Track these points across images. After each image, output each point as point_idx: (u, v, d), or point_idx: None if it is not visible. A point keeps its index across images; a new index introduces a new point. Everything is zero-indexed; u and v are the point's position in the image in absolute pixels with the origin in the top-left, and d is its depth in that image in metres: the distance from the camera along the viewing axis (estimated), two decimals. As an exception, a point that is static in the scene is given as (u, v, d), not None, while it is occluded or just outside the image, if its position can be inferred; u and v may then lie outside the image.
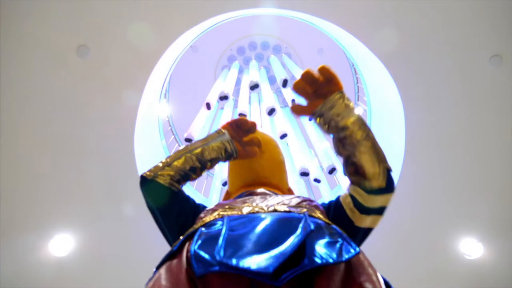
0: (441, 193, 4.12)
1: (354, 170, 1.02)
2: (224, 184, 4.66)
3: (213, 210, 0.98)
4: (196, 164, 1.12)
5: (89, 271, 4.08)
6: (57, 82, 3.66)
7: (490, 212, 4.00)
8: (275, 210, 0.88)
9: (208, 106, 4.67)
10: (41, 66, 3.56)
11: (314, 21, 4.03)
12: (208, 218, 0.91)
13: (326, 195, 4.57)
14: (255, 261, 0.66)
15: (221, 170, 4.90)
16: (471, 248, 4.07)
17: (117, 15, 3.49)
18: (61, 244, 3.94)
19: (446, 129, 3.96)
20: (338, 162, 4.67)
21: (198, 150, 1.13)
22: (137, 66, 3.74)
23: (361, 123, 0.99)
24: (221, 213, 0.92)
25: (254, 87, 4.78)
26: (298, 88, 1.00)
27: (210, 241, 0.76)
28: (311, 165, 4.46)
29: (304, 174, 4.52)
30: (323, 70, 0.98)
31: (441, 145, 4.02)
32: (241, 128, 1.19)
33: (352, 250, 0.71)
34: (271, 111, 4.56)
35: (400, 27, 3.65)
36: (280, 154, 1.36)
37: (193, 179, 1.16)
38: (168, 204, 1.09)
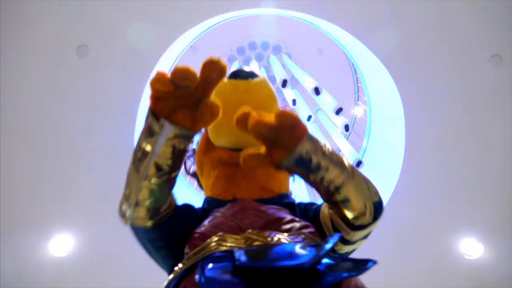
0: (441, 193, 4.12)
1: (336, 210, 0.88)
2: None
3: (206, 235, 0.85)
4: (161, 181, 0.84)
5: (89, 271, 4.08)
6: (57, 82, 3.66)
7: (490, 212, 4.00)
8: (278, 243, 0.79)
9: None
10: (41, 66, 3.56)
11: (314, 21, 4.03)
12: (208, 250, 0.80)
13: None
14: (284, 261, 0.62)
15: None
16: (471, 248, 4.07)
17: (117, 15, 3.49)
18: (61, 244, 3.94)
19: (446, 129, 3.96)
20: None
21: (152, 170, 0.81)
22: (137, 66, 3.74)
23: (339, 168, 0.81)
24: (220, 247, 0.79)
25: (254, 87, 4.76)
26: (258, 131, 0.73)
27: (219, 268, 0.68)
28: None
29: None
30: (285, 115, 0.73)
31: (441, 145, 4.02)
32: (177, 88, 0.73)
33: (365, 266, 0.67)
34: (271, 111, 4.56)
35: (400, 27, 3.65)
36: (267, 94, 1.06)
37: (173, 186, 0.90)
38: (159, 238, 0.92)
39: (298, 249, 0.69)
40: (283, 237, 0.79)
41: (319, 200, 1.05)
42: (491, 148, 3.91)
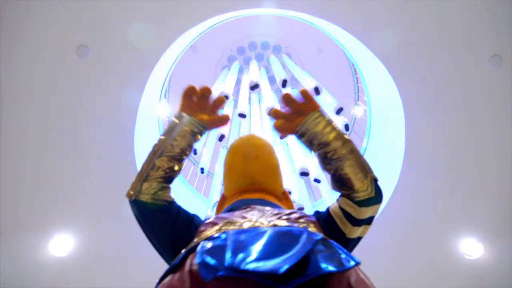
0: (441, 193, 4.12)
1: (342, 183, 1.04)
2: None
3: (213, 223, 0.97)
4: (172, 163, 1.06)
5: (89, 271, 4.08)
6: (57, 82, 3.66)
7: (490, 212, 4.00)
8: (275, 225, 0.89)
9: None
10: (41, 66, 3.56)
11: (314, 21, 4.03)
12: (209, 232, 0.91)
13: (326, 195, 4.57)
14: (264, 265, 0.66)
15: (221, 169, 4.90)
16: (471, 248, 4.07)
17: (117, 15, 3.49)
18: (61, 244, 3.94)
19: (446, 129, 3.96)
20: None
21: (167, 149, 1.06)
22: (137, 66, 3.74)
23: (343, 138, 1.05)
24: (223, 227, 0.92)
25: (254, 87, 4.77)
26: (285, 100, 1.11)
27: (216, 250, 0.76)
28: (311, 165, 4.45)
29: (304, 174, 4.52)
30: (302, 93, 1.10)
31: (441, 145, 4.02)
32: (196, 96, 1.12)
33: (352, 262, 0.74)
34: (271, 111, 4.55)
35: (400, 27, 3.65)
36: (275, 158, 1.34)
37: (177, 175, 1.10)
38: (158, 220, 1.04)
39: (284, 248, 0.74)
40: (279, 221, 0.91)
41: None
42: (491, 148, 3.91)
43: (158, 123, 4.75)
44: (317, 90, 4.61)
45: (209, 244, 0.81)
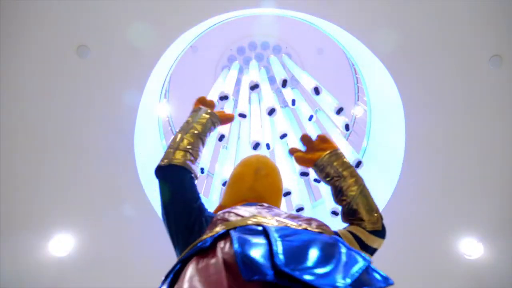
0: (441, 193, 4.12)
1: (352, 215, 1.15)
2: (224, 184, 4.66)
3: (236, 214, 0.96)
4: (195, 140, 1.23)
5: (89, 271, 4.08)
6: (57, 82, 3.66)
7: (490, 212, 4.00)
8: (306, 229, 0.87)
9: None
10: (41, 66, 3.56)
11: (314, 21, 4.03)
12: (240, 222, 0.87)
13: (326, 195, 4.57)
14: (322, 278, 0.62)
15: (221, 170, 4.90)
16: (471, 248, 4.07)
17: (117, 15, 3.49)
18: (61, 244, 3.94)
19: (446, 129, 3.96)
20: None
21: (192, 129, 1.25)
22: (137, 66, 3.74)
23: (356, 177, 1.19)
24: (252, 219, 0.88)
25: (254, 87, 4.77)
26: (304, 139, 1.28)
27: (257, 246, 0.71)
28: (311, 165, 4.45)
29: (304, 174, 4.52)
30: (320, 137, 1.28)
31: (441, 145, 4.02)
32: (205, 102, 1.41)
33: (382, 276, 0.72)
34: (271, 111, 4.56)
35: (400, 27, 3.64)
36: (282, 183, 1.43)
37: (196, 159, 1.23)
38: (185, 181, 1.13)
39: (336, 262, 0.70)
40: (309, 227, 0.91)
41: None
42: (491, 148, 3.91)
43: (158, 123, 4.75)
44: (317, 90, 4.61)
45: (247, 236, 0.76)
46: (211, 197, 4.84)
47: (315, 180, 4.48)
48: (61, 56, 3.56)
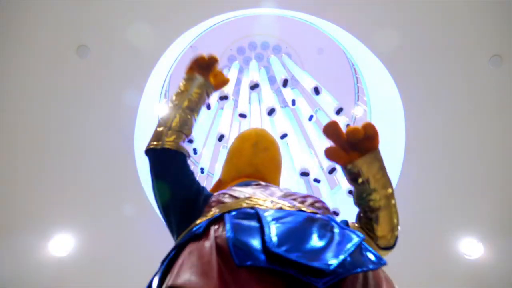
0: (441, 193, 4.12)
1: (367, 223, 1.07)
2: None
3: (231, 196, 0.94)
4: (189, 116, 1.17)
5: (89, 271, 4.08)
6: (57, 82, 3.65)
7: (490, 212, 4.00)
8: (300, 210, 0.85)
9: (208, 106, 4.67)
10: (41, 66, 3.56)
11: (314, 21, 4.03)
12: (234, 205, 0.86)
13: (326, 195, 4.57)
14: (311, 258, 0.62)
15: (221, 169, 4.89)
16: (471, 248, 4.07)
17: (117, 15, 3.49)
18: (61, 244, 3.94)
19: (446, 129, 3.96)
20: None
21: (186, 103, 1.18)
22: (137, 66, 3.74)
23: (388, 189, 1.03)
24: (247, 202, 0.86)
25: (254, 87, 4.77)
26: (351, 134, 0.96)
27: (249, 230, 0.70)
28: (311, 165, 4.45)
29: (304, 174, 4.51)
30: (368, 127, 0.96)
31: (441, 145, 4.02)
32: (202, 65, 1.24)
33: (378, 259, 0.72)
34: (271, 111, 4.56)
35: (400, 27, 3.64)
36: (281, 157, 1.37)
37: (189, 135, 1.18)
38: (180, 170, 1.08)
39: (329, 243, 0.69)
40: (304, 207, 0.88)
41: None
42: (491, 148, 3.91)
43: (158, 123, 4.74)
44: (317, 90, 4.61)
45: (240, 220, 0.75)
46: (211, 197, 4.83)
47: (315, 180, 4.48)
48: (61, 56, 3.56)
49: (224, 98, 4.68)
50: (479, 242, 4.04)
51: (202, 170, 4.77)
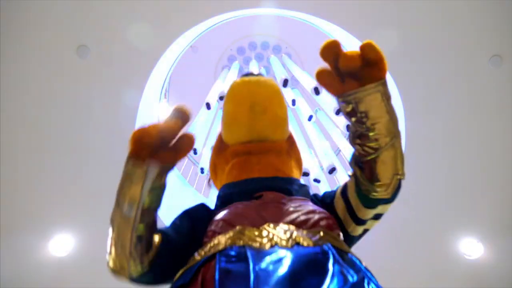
0: (441, 193, 4.12)
1: (362, 168, 0.90)
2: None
3: (227, 225, 0.86)
4: (148, 229, 0.91)
5: (89, 271, 4.07)
6: (57, 82, 3.66)
7: (490, 212, 4.00)
8: (297, 243, 0.77)
9: (208, 106, 4.67)
10: (41, 66, 3.56)
11: (314, 21, 4.03)
12: (223, 243, 0.80)
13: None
14: None
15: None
16: (471, 248, 4.07)
17: (117, 15, 3.49)
18: (61, 244, 3.94)
19: (446, 129, 3.96)
20: (338, 162, 4.67)
21: (140, 217, 0.89)
22: (137, 66, 3.74)
23: (391, 129, 0.85)
24: (238, 241, 0.79)
25: (254, 87, 4.76)
26: (343, 63, 0.76)
27: (234, 280, 0.69)
28: (311, 165, 4.45)
29: (304, 174, 4.51)
30: (368, 49, 0.78)
31: (441, 145, 4.02)
32: (152, 143, 0.85)
33: None
34: (271, 111, 4.55)
35: (400, 27, 3.64)
36: (284, 106, 1.16)
37: (156, 220, 0.95)
38: (160, 275, 0.94)
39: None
40: (301, 236, 0.78)
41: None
42: (491, 148, 3.91)
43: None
44: (317, 90, 4.60)
45: (228, 262, 0.73)
46: (211, 197, 4.84)
47: (315, 180, 4.48)
48: (61, 56, 3.56)
49: (224, 98, 4.67)
50: (479, 242, 4.04)
51: (202, 170, 4.77)
